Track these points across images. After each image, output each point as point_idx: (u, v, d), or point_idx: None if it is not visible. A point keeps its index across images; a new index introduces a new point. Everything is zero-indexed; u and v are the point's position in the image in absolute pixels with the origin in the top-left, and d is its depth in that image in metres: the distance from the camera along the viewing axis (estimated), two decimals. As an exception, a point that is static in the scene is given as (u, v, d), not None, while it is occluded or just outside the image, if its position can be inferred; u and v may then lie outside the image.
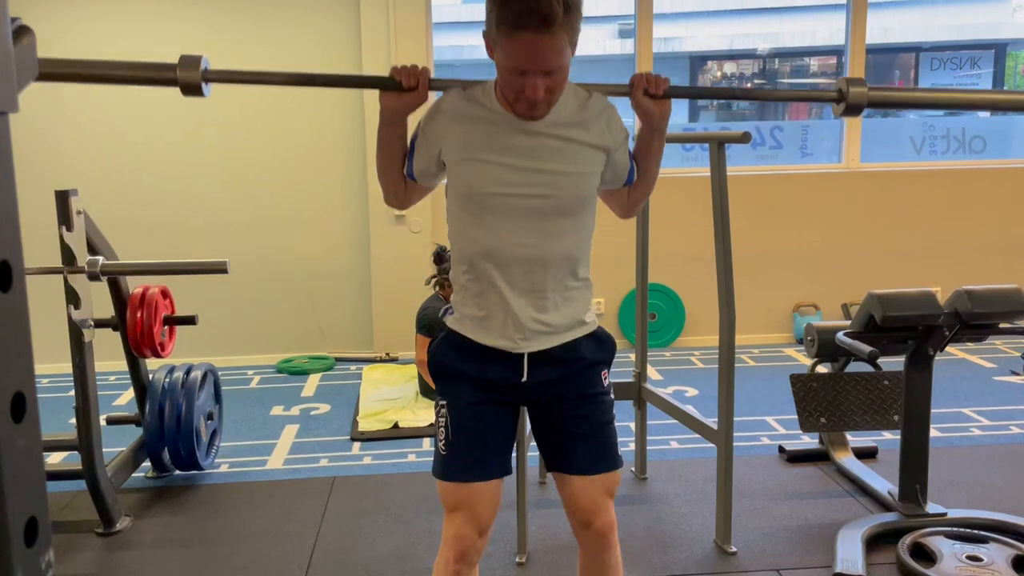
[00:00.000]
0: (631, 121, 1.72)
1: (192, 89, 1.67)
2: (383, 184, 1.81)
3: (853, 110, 1.77)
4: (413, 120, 1.73)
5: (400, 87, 1.67)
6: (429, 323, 3.98)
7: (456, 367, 1.77)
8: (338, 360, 4.92)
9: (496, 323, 1.72)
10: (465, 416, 1.75)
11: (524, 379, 1.74)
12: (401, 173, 1.78)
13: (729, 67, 9.93)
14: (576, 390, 1.76)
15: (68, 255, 2.69)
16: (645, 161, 1.81)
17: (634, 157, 1.81)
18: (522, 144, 1.66)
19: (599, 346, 1.81)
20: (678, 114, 9.01)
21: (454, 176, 1.73)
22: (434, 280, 4.14)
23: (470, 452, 1.74)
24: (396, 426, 3.78)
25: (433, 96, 1.77)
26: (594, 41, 9.54)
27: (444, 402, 1.77)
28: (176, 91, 1.76)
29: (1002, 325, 2.71)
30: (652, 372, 4.47)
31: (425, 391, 4.13)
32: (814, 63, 9.57)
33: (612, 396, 1.83)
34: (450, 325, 1.80)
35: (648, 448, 3.24)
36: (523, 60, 1.55)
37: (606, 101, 1.76)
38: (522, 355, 1.73)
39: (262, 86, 4.75)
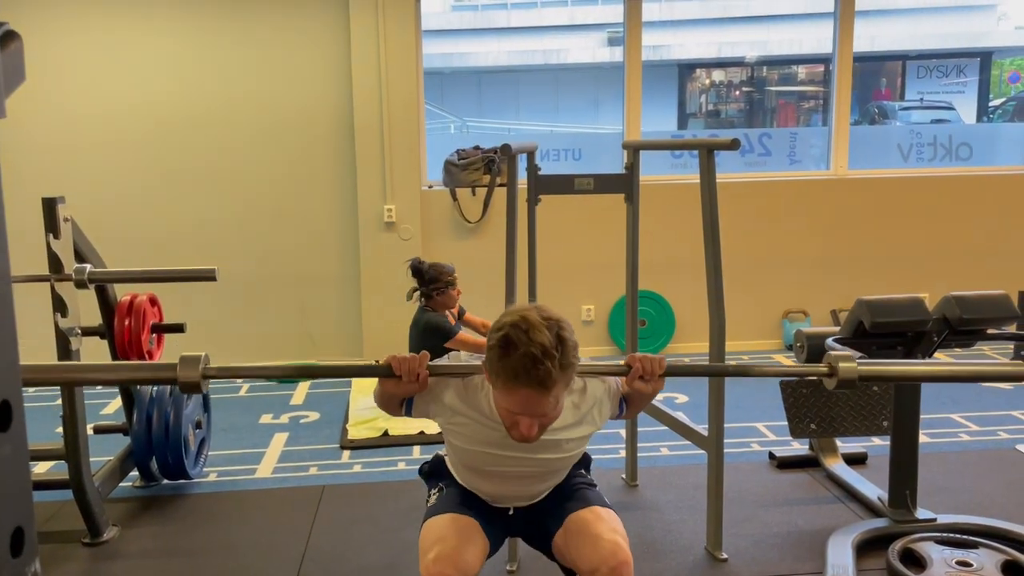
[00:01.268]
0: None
1: (192, 388, 1.70)
2: (381, 408, 1.90)
3: (846, 384, 1.80)
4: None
5: (400, 378, 1.73)
6: (434, 325, 3.92)
7: (451, 478, 1.94)
8: (327, 368, 4.90)
9: (487, 498, 1.91)
10: (459, 489, 1.91)
11: (511, 512, 1.92)
12: (400, 411, 1.86)
13: (717, 75, 9.99)
14: (558, 495, 1.92)
15: (55, 263, 2.67)
16: (633, 409, 1.95)
17: (625, 397, 1.90)
18: (517, 444, 1.75)
19: (575, 467, 1.96)
20: (667, 122, 9.06)
21: (452, 447, 1.88)
22: (417, 292, 4.06)
23: (459, 503, 1.85)
24: (386, 434, 3.77)
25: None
26: (584, 49, 9.57)
27: (440, 483, 1.94)
28: (165, 96, 1.75)
29: (990, 331, 2.73)
30: (642, 379, 4.46)
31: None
32: (802, 71, 9.64)
33: (592, 480, 1.98)
34: (447, 463, 1.97)
35: (639, 455, 3.24)
36: (520, 409, 1.64)
37: (602, 389, 1.85)
38: (508, 508, 1.92)
39: (252, 88, 4.75)
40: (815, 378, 1.86)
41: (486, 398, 1.76)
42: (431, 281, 3.96)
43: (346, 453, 3.62)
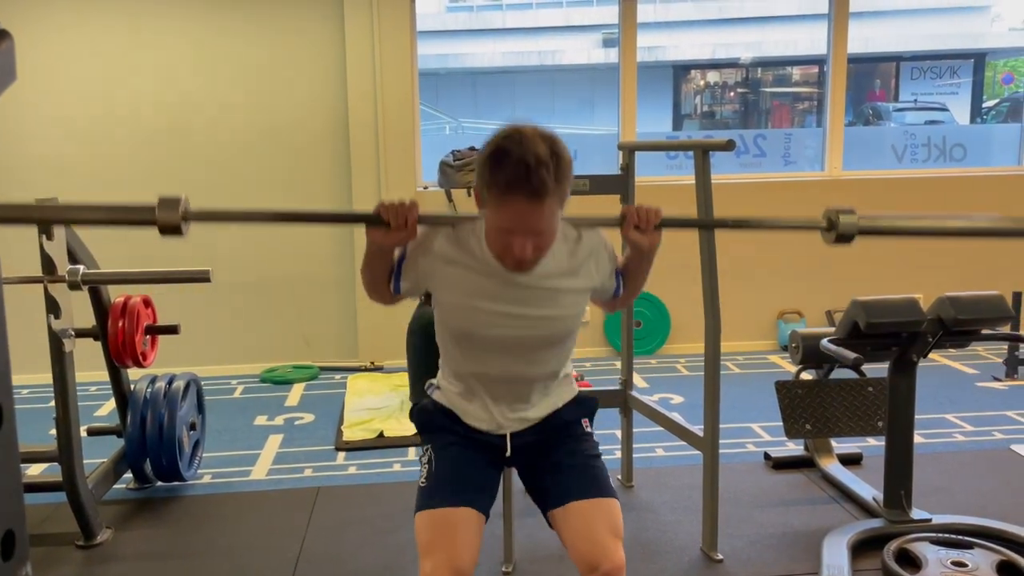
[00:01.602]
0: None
1: (172, 230, 1.66)
2: (368, 293, 1.84)
3: (844, 239, 1.78)
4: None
5: (388, 225, 1.66)
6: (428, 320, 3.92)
7: (441, 424, 1.85)
8: (322, 369, 4.90)
9: (479, 415, 1.82)
10: (449, 452, 1.80)
11: (508, 453, 1.83)
12: (387, 288, 1.79)
13: (712, 76, 10.00)
14: (559, 439, 1.84)
15: (48, 264, 2.66)
16: (632, 280, 1.87)
17: (621, 273, 1.85)
18: (513, 294, 1.70)
19: (579, 406, 1.89)
20: (662, 123, 9.07)
21: (443, 313, 1.79)
22: None
23: (451, 478, 1.76)
24: (381, 435, 3.76)
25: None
26: (579, 51, 9.57)
27: (428, 446, 1.84)
28: (157, 99, 1.74)
29: (984, 331, 2.73)
30: (638, 379, 4.47)
31: (414, 398, 4.12)
32: (796, 72, 9.66)
33: (597, 441, 1.88)
34: (435, 399, 1.88)
35: (634, 456, 3.24)
36: (512, 223, 1.58)
37: (596, 239, 1.79)
38: (504, 435, 1.83)
39: (245, 90, 4.74)
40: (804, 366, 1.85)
41: (477, 241, 1.70)
42: None
43: (341, 455, 3.61)
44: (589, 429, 1.89)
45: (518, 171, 1.52)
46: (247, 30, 4.70)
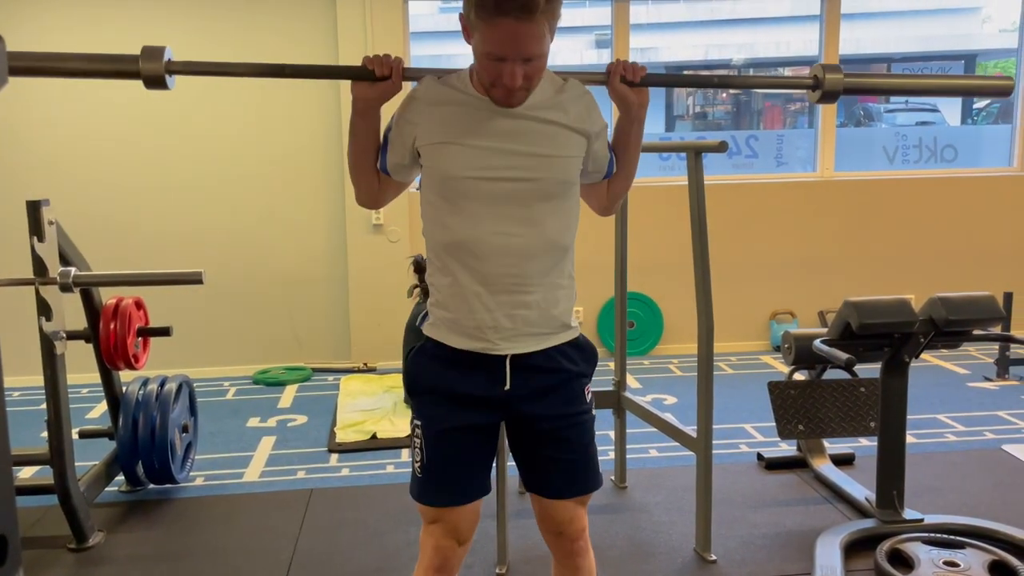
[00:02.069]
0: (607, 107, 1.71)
1: (156, 81, 1.62)
2: (355, 180, 1.75)
3: (829, 96, 1.76)
4: (386, 112, 1.69)
5: (373, 76, 1.63)
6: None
7: (432, 382, 1.70)
8: (315, 371, 4.89)
9: (473, 324, 1.64)
10: (441, 441, 1.69)
11: (507, 387, 1.66)
12: (374, 168, 1.72)
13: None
14: (558, 407, 1.70)
15: (40, 266, 2.65)
16: (624, 151, 1.78)
17: (613, 148, 1.78)
18: (500, 126, 1.61)
19: (582, 356, 1.75)
20: (654, 124, 9.07)
21: (429, 162, 1.65)
22: (416, 289, 4.11)
23: (445, 476, 1.70)
24: (374, 437, 3.75)
25: (407, 87, 1.74)
26: (571, 51, 9.58)
27: (419, 423, 1.71)
28: (150, 97, 1.73)
29: (976, 332, 2.74)
30: (631, 380, 4.47)
31: (408, 399, 4.11)
32: (788, 73, 9.67)
33: (593, 413, 1.77)
34: (426, 332, 1.73)
35: (627, 456, 3.24)
36: (502, 47, 1.52)
37: (583, 87, 1.72)
38: (503, 359, 1.65)
39: (239, 89, 4.73)
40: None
41: (461, 79, 1.65)
42: None
43: (334, 456, 3.61)
44: (589, 396, 1.76)
45: None
46: (239, 31, 4.68)
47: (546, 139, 1.63)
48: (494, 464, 1.83)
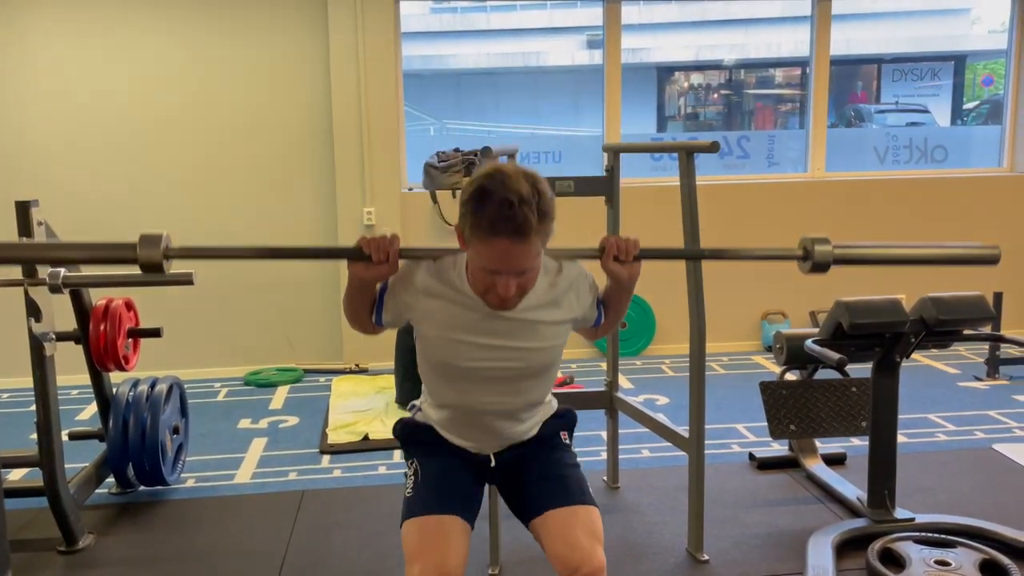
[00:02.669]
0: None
1: (153, 268, 1.63)
2: (350, 324, 1.85)
3: (820, 267, 1.80)
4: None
5: (370, 259, 1.67)
6: None
7: (425, 437, 1.87)
8: (307, 372, 4.87)
9: (463, 438, 1.84)
10: (434, 463, 1.82)
11: (492, 464, 1.85)
12: (370, 320, 1.81)
13: (696, 78, 10.03)
14: (538, 451, 1.86)
15: (29, 267, 2.63)
16: (612, 310, 1.88)
17: (602, 303, 1.86)
18: (493, 327, 1.71)
19: (558, 420, 1.91)
20: (645, 124, 9.09)
21: (425, 345, 1.80)
22: None
23: (437, 489, 1.77)
24: (366, 438, 3.75)
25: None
26: (563, 52, 9.58)
27: (413, 458, 1.85)
28: (140, 99, 1.72)
29: (966, 332, 2.75)
30: (623, 381, 4.47)
31: (400, 399, 4.11)
32: (779, 74, 9.70)
33: (575, 452, 1.91)
34: (418, 419, 1.90)
35: (619, 457, 3.24)
36: (496, 263, 1.58)
37: (576, 271, 1.80)
38: (487, 455, 1.85)
39: (230, 88, 4.71)
40: (790, 376, 1.86)
41: (458, 275, 1.70)
42: None
43: (326, 458, 3.60)
44: (567, 441, 1.92)
45: (502, 210, 1.52)
46: (230, 31, 4.67)
47: (536, 335, 1.74)
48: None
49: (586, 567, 1.68)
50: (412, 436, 1.89)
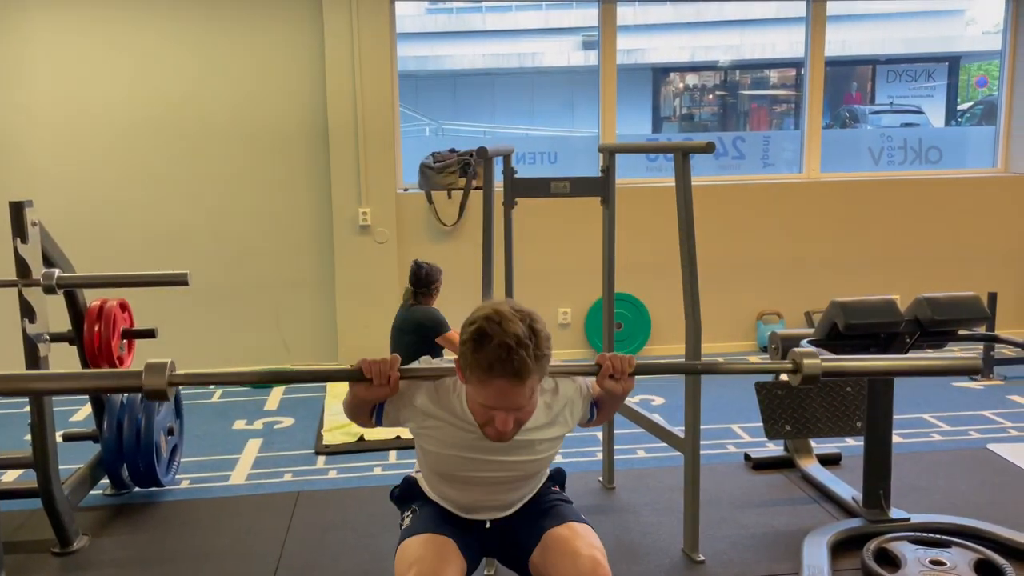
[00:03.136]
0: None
1: (158, 395, 1.64)
2: (348, 417, 1.87)
3: (809, 379, 1.82)
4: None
5: (370, 382, 1.69)
6: (433, 317, 4.02)
7: (424, 495, 1.92)
8: (302, 373, 4.86)
9: (460, 511, 1.88)
10: (434, 506, 1.88)
11: (488, 526, 1.88)
12: (369, 420, 1.83)
13: (691, 79, 10.05)
14: (530, 505, 1.91)
15: (23, 267, 2.63)
16: (604, 412, 1.93)
17: (596, 403, 1.90)
18: (490, 445, 1.74)
19: (548, 481, 1.97)
20: (641, 125, 9.10)
21: (424, 451, 1.84)
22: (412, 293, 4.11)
23: (435, 520, 1.82)
24: (362, 439, 3.74)
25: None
26: (559, 53, 9.58)
27: (413, 505, 1.91)
28: (134, 99, 1.72)
29: (961, 332, 2.76)
30: (618, 381, 4.47)
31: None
32: (774, 75, 9.71)
33: (567, 498, 1.96)
34: (419, 482, 1.94)
35: (615, 457, 3.24)
36: (494, 401, 1.62)
37: (573, 389, 1.84)
38: (484, 520, 1.89)
39: (224, 88, 4.70)
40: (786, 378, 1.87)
41: (458, 399, 1.74)
42: (430, 282, 4.03)
43: (321, 459, 3.59)
44: (556, 489, 1.97)
45: (499, 353, 1.56)
46: (225, 32, 4.66)
47: (532, 450, 1.80)
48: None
49: None
50: (411, 491, 1.95)
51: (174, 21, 4.63)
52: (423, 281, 4.04)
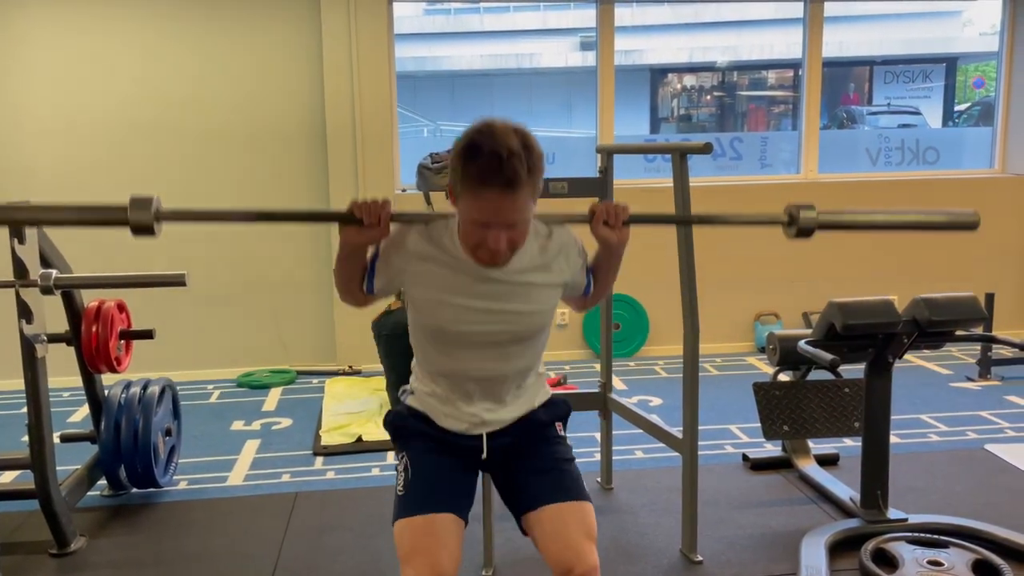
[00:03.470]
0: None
1: (144, 230, 1.63)
2: (341, 295, 1.84)
3: (804, 233, 1.82)
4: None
5: (361, 223, 1.67)
6: (376, 332, 4.05)
7: (416, 429, 1.85)
8: (300, 373, 4.86)
9: (454, 416, 1.82)
10: (425, 460, 1.80)
11: (484, 455, 1.83)
12: (360, 289, 1.80)
13: (689, 79, 10.06)
14: (532, 441, 1.85)
15: (20, 268, 2.62)
16: (602, 277, 1.88)
17: (591, 270, 1.86)
18: (486, 289, 1.71)
19: (553, 409, 1.91)
20: (639, 126, 9.11)
21: (417, 309, 1.79)
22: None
23: (429, 486, 1.76)
24: (359, 440, 3.74)
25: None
26: (557, 54, 9.59)
27: (404, 452, 1.83)
28: (131, 98, 1.71)
29: (958, 332, 2.76)
30: (617, 382, 4.48)
31: (394, 403, 4.10)
32: (772, 76, 9.72)
33: (570, 445, 1.89)
34: (409, 403, 1.88)
35: (613, 458, 3.24)
36: (486, 215, 1.59)
37: (566, 235, 1.81)
38: (480, 435, 1.83)
39: (222, 91, 4.70)
40: (780, 380, 1.86)
41: (450, 238, 1.71)
42: None
43: (319, 459, 3.59)
44: (562, 433, 1.90)
45: (491, 163, 1.53)
46: (223, 32, 4.66)
47: (527, 298, 1.75)
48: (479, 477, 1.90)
49: (580, 567, 1.69)
50: (402, 427, 1.87)
51: (172, 21, 4.62)
52: None
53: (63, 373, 3.56)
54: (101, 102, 4.62)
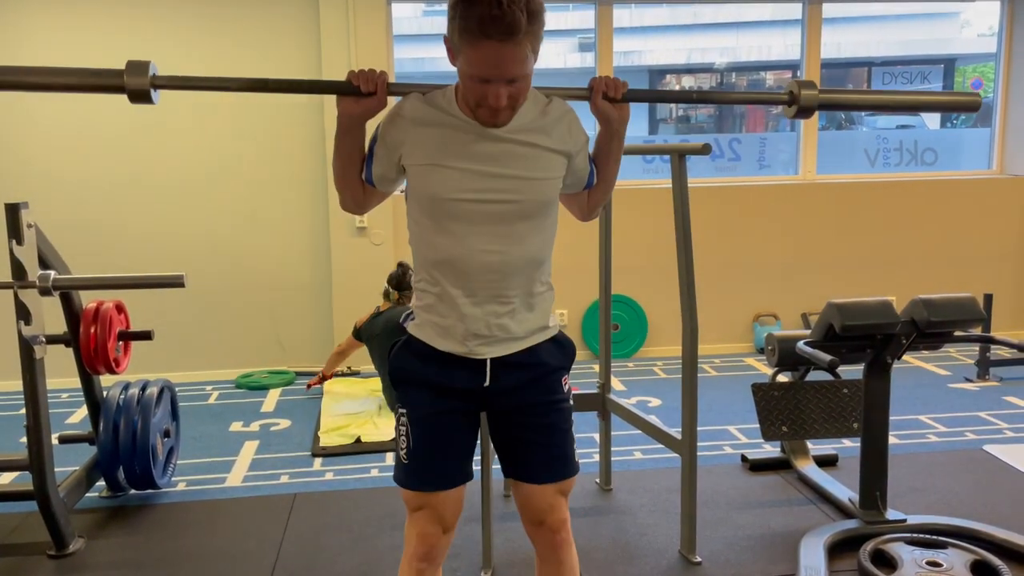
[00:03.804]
0: (590, 126, 1.73)
1: (141, 96, 1.63)
2: (340, 189, 1.78)
3: (805, 112, 1.80)
4: (371, 123, 1.70)
5: (358, 92, 1.66)
6: (368, 335, 4.11)
7: (416, 373, 1.76)
8: (298, 374, 4.86)
9: (457, 331, 1.72)
10: (425, 425, 1.74)
11: (487, 383, 1.73)
12: (359, 179, 1.75)
13: (687, 80, 10.06)
14: (537, 396, 1.77)
15: (18, 269, 2.62)
16: (604, 164, 1.82)
17: (593, 160, 1.82)
18: (484, 150, 1.65)
19: (560, 351, 1.82)
20: (638, 127, 9.10)
21: (415, 181, 1.70)
22: (396, 293, 4.14)
23: (431, 461, 1.75)
24: (358, 441, 3.74)
25: (392, 101, 1.74)
26: (555, 55, 9.59)
27: (404, 410, 1.77)
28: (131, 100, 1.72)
29: (957, 333, 2.76)
30: (615, 383, 4.48)
31: (391, 404, 4.11)
32: (770, 77, 9.73)
33: (571, 402, 1.84)
34: (411, 331, 1.79)
35: (612, 459, 3.24)
36: (486, 68, 1.55)
37: (566, 105, 1.76)
38: (484, 360, 1.73)
39: (220, 93, 4.69)
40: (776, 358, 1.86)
41: (447, 101, 1.67)
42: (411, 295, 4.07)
43: (318, 460, 3.59)
44: (567, 387, 1.82)
45: (491, 10, 1.49)
46: (222, 33, 4.66)
47: (529, 162, 1.68)
48: (479, 462, 1.89)
49: (550, 517, 1.77)
50: (403, 370, 1.78)
51: (172, 22, 4.62)
52: (408, 284, 4.05)
53: (61, 374, 3.56)
54: (100, 102, 4.61)
